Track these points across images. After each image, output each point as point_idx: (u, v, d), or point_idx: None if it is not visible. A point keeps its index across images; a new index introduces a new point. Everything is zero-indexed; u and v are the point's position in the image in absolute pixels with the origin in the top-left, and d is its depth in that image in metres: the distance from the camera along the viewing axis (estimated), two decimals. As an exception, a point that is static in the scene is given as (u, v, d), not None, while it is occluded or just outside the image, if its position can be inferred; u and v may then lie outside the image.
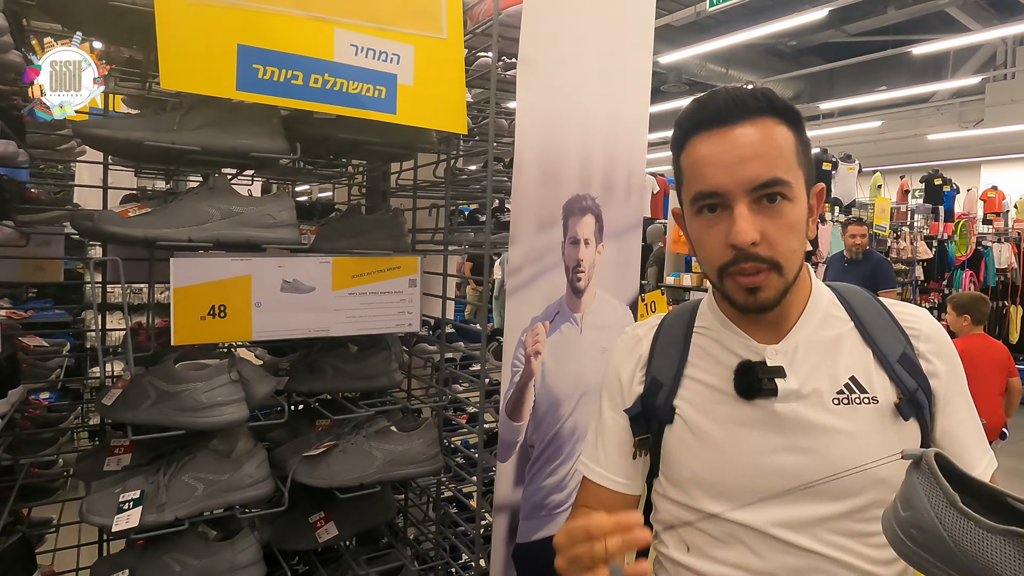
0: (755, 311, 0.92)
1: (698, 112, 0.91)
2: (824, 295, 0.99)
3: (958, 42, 9.10)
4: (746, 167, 0.86)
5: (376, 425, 1.66)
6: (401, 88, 1.47)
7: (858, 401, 0.91)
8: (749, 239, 0.85)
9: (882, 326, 0.95)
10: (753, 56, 11.46)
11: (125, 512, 1.35)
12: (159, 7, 1.21)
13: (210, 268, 1.36)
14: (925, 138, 12.41)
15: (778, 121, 0.88)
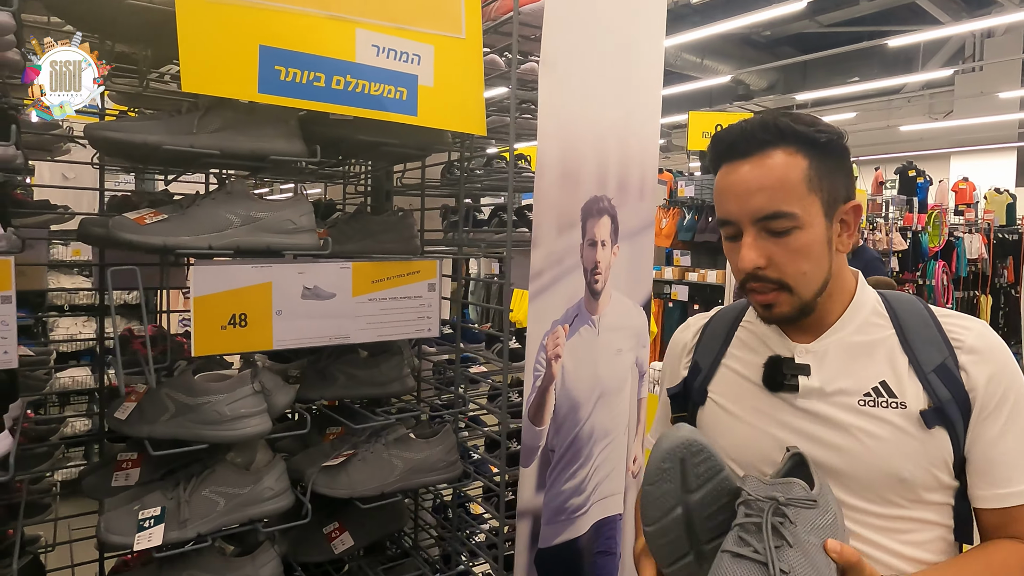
0: (775, 323, 1.04)
1: (716, 147, 1.02)
2: (868, 303, 1.04)
3: (931, 35, 9.35)
4: (751, 200, 0.96)
5: (395, 433, 1.66)
6: (422, 89, 1.47)
7: (884, 405, 0.96)
8: (751, 265, 0.96)
9: (924, 336, 0.99)
10: (728, 46, 11.61)
11: (146, 530, 1.33)
12: (180, 7, 1.19)
13: (230, 276, 1.34)
14: (897, 129, 12.75)
15: (789, 151, 0.95)
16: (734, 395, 1.08)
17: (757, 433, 1.04)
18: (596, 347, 1.77)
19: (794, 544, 0.78)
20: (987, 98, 11.10)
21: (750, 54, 12.04)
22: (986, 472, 0.95)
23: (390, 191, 2.10)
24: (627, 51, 1.76)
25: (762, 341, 1.08)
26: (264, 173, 1.68)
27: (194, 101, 1.35)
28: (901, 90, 12.64)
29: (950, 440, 0.95)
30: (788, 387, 1.02)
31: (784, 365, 1.03)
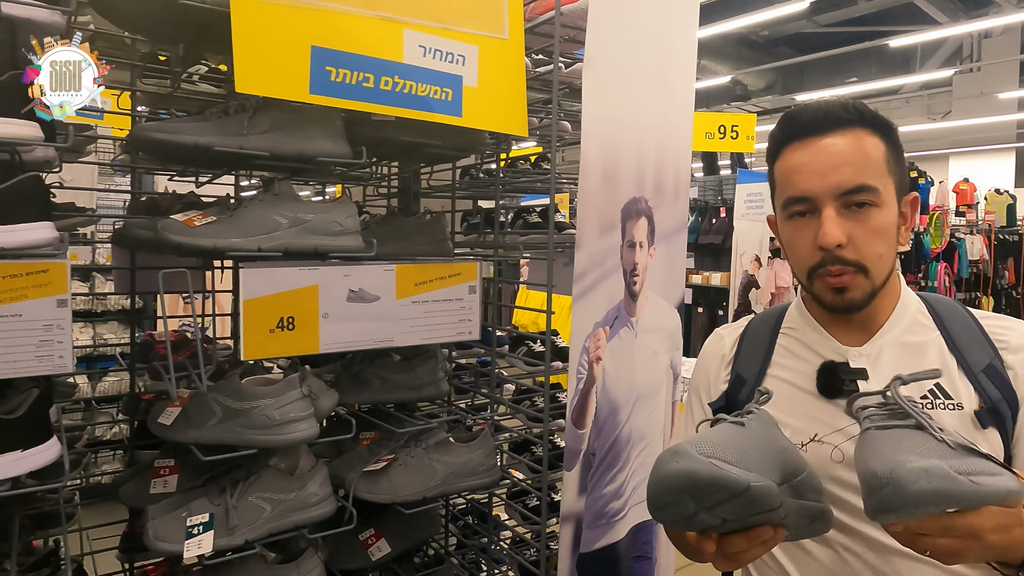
0: (843, 311, 1.00)
1: (791, 124, 1.00)
2: (913, 302, 1.05)
3: (929, 36, 9.46)
4: (835, 174, 0.94)
5: (435, 437, 1.67)
6: (466, 90, 1.48)
7: (942, 407, 0.96)
8: (835, 241, 0.93)
9: (969, 336, 1.01)
10: (725, 46, 11.68)
11: (195, 537, 1.33)
12: (235, 7, 1.20)
13: (278, 279, 1.35)
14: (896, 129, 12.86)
15: (868, 132, 0.97)
16: (786, 405, 1.04)
17: (815, 443, 1.01)
18: (634, 349, 1.78)
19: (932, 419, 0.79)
20: (986, 98, 11.24)
21: (747, 54, 12.13)
22: None
23: (418, 192, 2.11)
24: (664, 49, 1.78)
25: (809, 347, 1.07)
26: (303, 175, 1.69)
27: (241, 102, 1.36)
28: (899, 91, 12.77)
29: (1001, 439, 0.96)
30: (846, 393, 0.99)
31: (840, 370, 1.01)
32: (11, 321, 1.11)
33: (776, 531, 0.81)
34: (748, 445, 0.79)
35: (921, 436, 0.76)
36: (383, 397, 1.75)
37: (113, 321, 4.30)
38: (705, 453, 0.74)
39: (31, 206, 1.11)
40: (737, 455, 0.76)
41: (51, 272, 1.13)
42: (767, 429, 0.86)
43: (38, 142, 1.12)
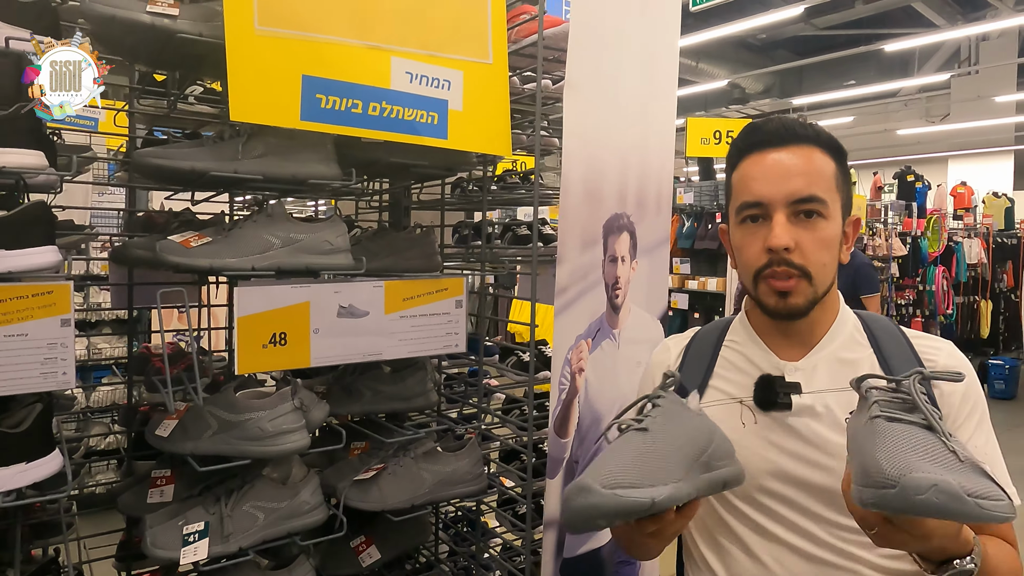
0: (785, 316, 1.06)
1: (753, 135, 1.09)
2: (850, 320, 1.12)
3: (927, 39, 9.57)
4: (789, 182, 1.02)
5: (423, 446, 1.75)
6: (452, 113, 1.57)
7: None
8: (783, 243, 1.00)
9: (899, 355, 1.07)
10: (723, 49, 11.80)
11: (192, 544, 1.41)
12: (230, 40, 1.28)
13: (271, 296, 1.43)
14: (895, 133, 12.99)
15: (821, 151, 1.06)
16: (724, 416, 1.09)
17: (748, 454, 1.06)
18: (617, 360, 1.86)
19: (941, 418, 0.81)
20: (984, 102, 11.35)
21: (746, 57, 12.25)
22: None
23: (408, 207, 2.19)
24: (646, 67, 1.87)
25: (749, 360, 1.12)
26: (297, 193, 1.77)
27: (236, 128, 1.44)
28: (898, 94, 12.89)
29: None
30: (780, 405, 1.06)
31: (776, 384, 1.07)
32: (18, 340, 1.19)
33: (693, 504, 0.90)
34: (650, 455, 0.85)
35: (932, 439, 0.77)
36: (374, 408, 1.83)
37: (107, 330, 4.37)
38: (607, 484, 0.79)
39: (38, 231, 1.19)
40: (639, 474, 0.82)
41: (56, 293, 1.21)
42: (670, 420, 0.91)
43: (44, 170, 1.20)
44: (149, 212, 1.96)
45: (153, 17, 1.27)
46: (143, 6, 1.28)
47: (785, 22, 10.11)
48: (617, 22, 1.76)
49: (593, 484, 0.80)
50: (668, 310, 2.02)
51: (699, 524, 1.15)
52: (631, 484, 0.80)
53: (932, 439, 0.77)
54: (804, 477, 1.03)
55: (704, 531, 1.14)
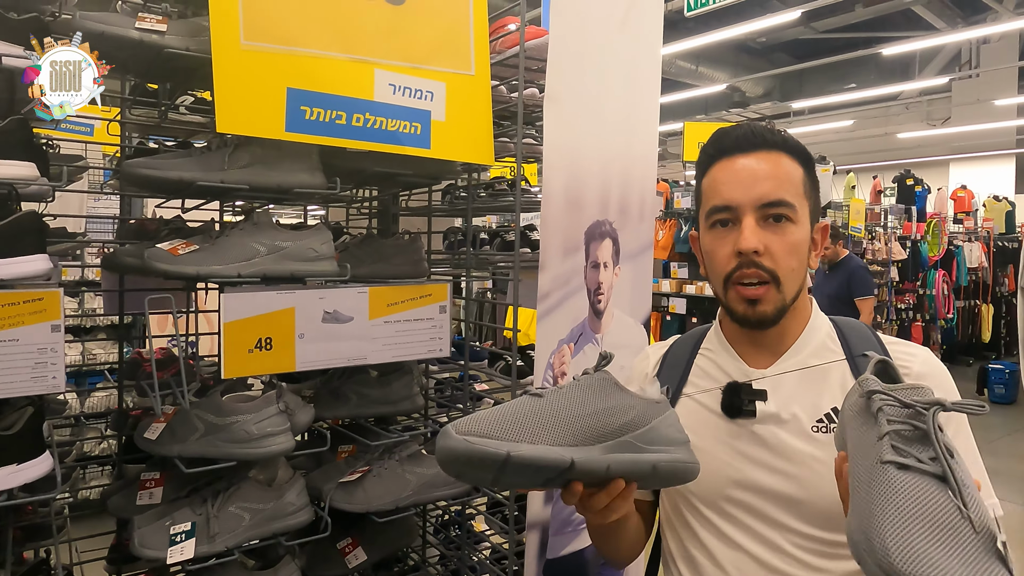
0: (755, 324, 1.07)
1: (722, 140, 1.10)
2: (823, 327, 1.12)
3: (927, 43, 9.63)
4: (757, 186, 1.04)
5: (408, 449, 1.80)
6: (434, 124, 1.62)
7: (833, 431, 1.02)
8: (752, 246, 1.01)
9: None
10: (722, 53, 11.89)
11: (178, 544, 1.46)
12: (217, 54, 1.34)
13: (257, 302, 1.48)
14: (895, 136, 13.05)
15: (789, 157, 1.08)
16: (695, 424, 1.10)
17: (716, 462, 1.07)
18: (600, 365, 1.91)
19: (954, 454, 0.72)
20: (984, 105, 11.41)
21: (746, 61, 12.34)
22: None
23: (396, 214, 2.25)
24: (628, 80, 1.92)
25: (720, 368, 1.14)
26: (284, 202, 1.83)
27: (222, 139, 1.49)
28: (898, 97, 12.96)
29: None
30: (746, 413, 1.07)
31: (742, 391, 1.08)
32: (9, 345, 1.25)
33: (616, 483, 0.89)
34: (528, 415, 0.85)
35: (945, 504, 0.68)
36: (360, 411, 1.89)
37: (102, 335, 4.43)
38: (462, 431, 0.82)
39: (29, 240, 1.25)
40: (502, 429, 0.83)
41: (46, 300, 1.27)
42: (580, 393, 0.90)
43: (35, 181, 1.26)
44: (141, 220, 2.01)
45: (142, 33, 1.33)
46: (132, 22, 1.33)
47: (785, 25, 10.19)
48: (597, 35, 1.81)
49: (451, 429, 0.82)
50: (668, 315, 2.07)
51: (673, 533, 1.17)
52: (488, 435, 0.82)
53: (945, 503, 0.68)
54: (767, 485, 1.05)
55: (677, 540, 1.17)
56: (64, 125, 1.82)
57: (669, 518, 1.19)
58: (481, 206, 2.18)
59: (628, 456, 0.88)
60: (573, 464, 0.84)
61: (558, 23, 1.72)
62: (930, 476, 0.71)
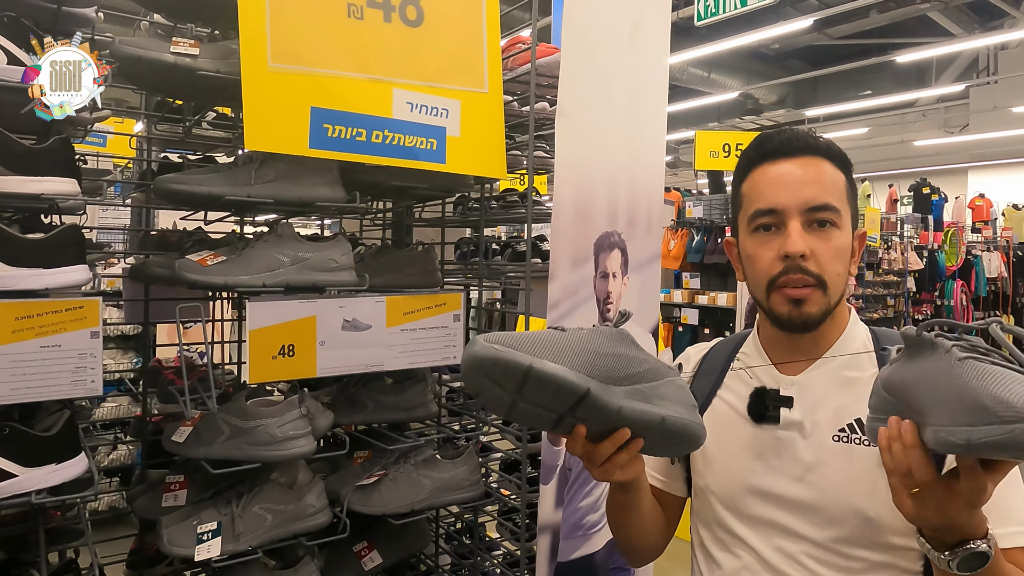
0: (799, 327, 1.07)
1: (765, 144, 1.12)
2: (860, 337, 1.13)
3: (942, 51, 9.71)
4: (804, 190, 1.05)
5: (423, 454, 1.90)
6: (450, 139, 1.73)
7: (856, 442, 1.05)
8: (800, 249, 1.02)
9: None
10: (735, 60, 12.01)
11: (205, 542, 1.56)
12: (246, 76, 1.46)
13: (280, 311, 1.59)
14: (912, 144, 13.10)
15: (831, 163, 1.11)
16: (722, 426, 1.13)
17: (737, 465, 1.10)
18: (609, 372, 2.01)
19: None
20: (1003, 112, 11.46)
21: (759, 68, 12.45)
22: None
23: (410, 225, 2.36)
24: (635, 96, 2.03)
25: (753, 373, 1.16)
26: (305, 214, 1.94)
27: (248, 155, 1.61)
28: (915, 104, 13.02)
29: None
30: (770, 419, 1.09)
31: (768, 397, 1.10)
32: (52, 351, 1.36)
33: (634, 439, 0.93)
34: (551, 342, 0.89)
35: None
36: (376, 418, 1.99)
37: (111, 345, 4.56)
38: (491, 341, 0.86)
39: (71, 251, 1.36)
40: (528, 346, 0.87)
41: (86, 308, 1.38)
42: (597, 336, 0.93)
43: (76, 196, 1.37)
44: (163, 231, 2.13)
45: (176, 57, 1.45)
46: (167, 47, 1.45)
47: (798, 32, 10.31)
48: (605, 51, 1.93)
49: (479, 337, 0.87)
50: (680, 326, 2.17)
51: (695, 524, 1.24)
52: (515, 348, 0.85)
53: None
54: (782, 491, 1.07)
55: (697, 532, 1.24)
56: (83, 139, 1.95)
57: (696, 510, 1.24)
58: (493, 217, 2.29)
59: (639, 403, 0.91)
60: (589, 393, 0.86)
61: (569, 40, 1.83)
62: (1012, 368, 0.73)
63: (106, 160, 3.77)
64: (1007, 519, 0.96)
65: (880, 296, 8.33)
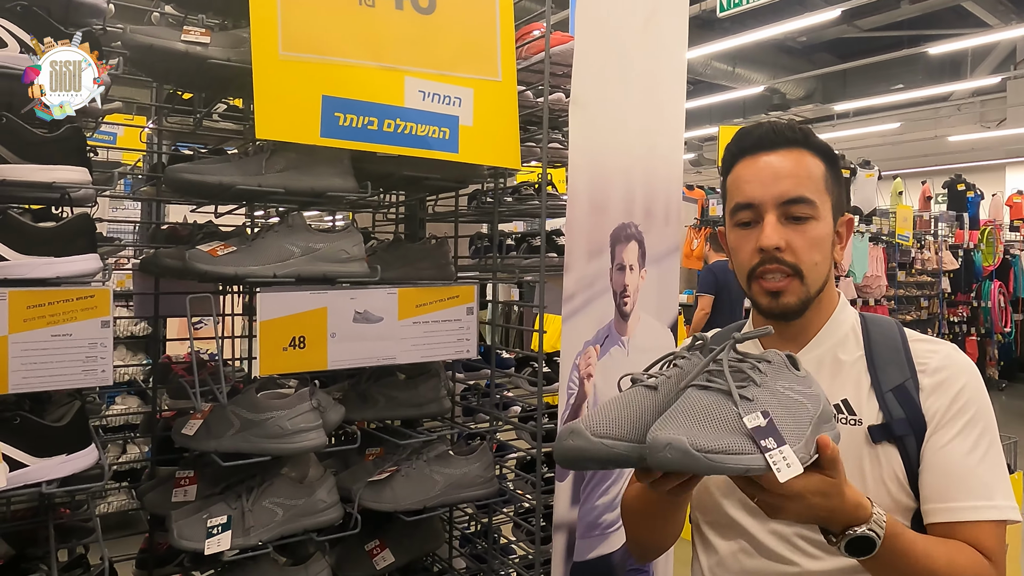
0: (779, 316, 1.15)
1: (744, 140, 1.19)
2: (848, 322, 1.20)
3: (975, 41, 9.60)
4: (778, 184, 1.12)
5: (435, 450, 1.93)
6: (463, 129, 1.76)
7: (842, 421, 1.11)
8: (773, 243, 1.10)
9: (888, 358, 1.14)
10: (761, 53, 11.94)
11: (215, 536, 1.60)
12: (257, 64, 1.49)
13: (291, 302, 1.62)
14: (946, 139, 12.96)
15: (811, 153, 1.17)
16: None
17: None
18: (626, 368, 2.02)
19: (762, 384, 0.91)
20: (1043, 105, 11.30)
21: (785, 61, 12.37)
22: (934, 484, 1.07)
23: (423, 219, 2.39)
24: (651, 85, 2.05)
25: None
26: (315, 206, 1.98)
27: (259, 144, 1.65)
28: (949, 97, 12.88)
29: (900, 456, 1.08)
30: None
31: None
32: (63, 340, 1.40)
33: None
34: (649, 412, 0.93)
35: (722, 403, 0.88)
36: (388, 414, 2.02)
37: (121, 346, 4.63)
38: (598, 434, 0.90)
39: (82, 240, 1.40)
40: (630, 428, 0.92)
41: (96, 297, 1.42)
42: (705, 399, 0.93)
43: (87, 185, 1.42)
44: (173, 225, 2.17)
45: (187, 45, 1.49)
46: (178, 35, 1.49)
47: (826, 24, 10.24)
48: (621, 39, 1.94)
49: (584, 430, 0.91)
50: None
51: (694, 522, 1.28)
52: (620, 437, 0.90)
53: (723, 403, 0.88)
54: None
55: (697, 527, 1.28)
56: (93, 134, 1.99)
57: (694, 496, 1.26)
58: (508, 211, 2.31)
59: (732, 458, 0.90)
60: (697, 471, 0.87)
61: (584, 28, 1.85)
62: (719, 391, 0.90)
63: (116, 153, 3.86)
64: (970, 493, 1.05)
65: (913, 297, 8.26)
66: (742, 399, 0.89)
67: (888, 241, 7.59)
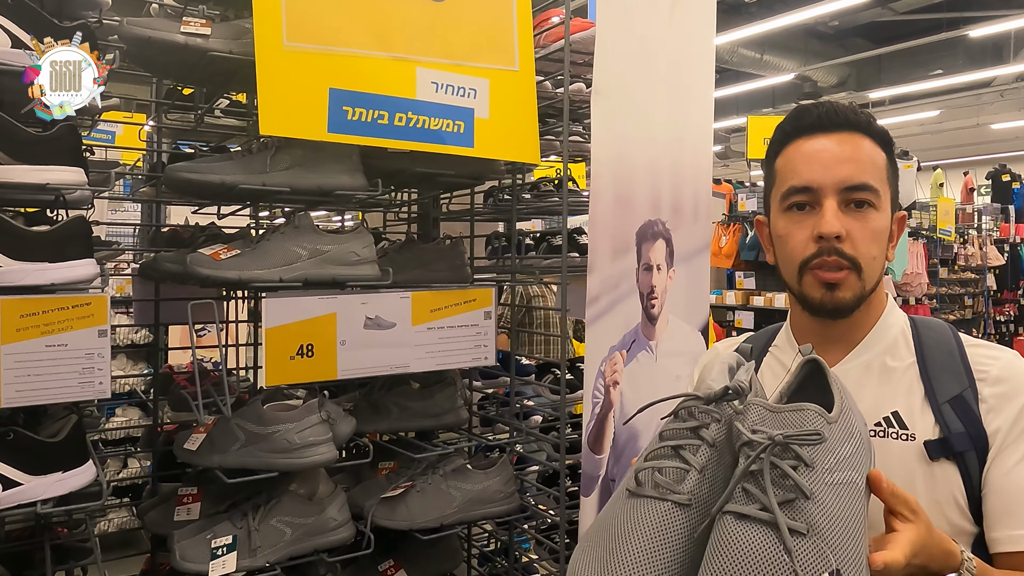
0: (831, 312, 1.08)
1: (802, 118, 1.12)
2: (897, 325, 1.14)
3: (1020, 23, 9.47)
4: (841, 168, 1.06)
5: (452, 463, 1.90)
6: (478, 121, 1.73)
7: (893, 436, 1.05)
8: (835, 230, 1.03)
9: (944, 364, 1.08)
10: (790, 39, 11.84)
11: (220, 558, 1.58)
12: (260, 56, 1.47)
13: (298, 307, 1.61)
14: (988, 127, 12.80)
15: (872, 140, 1.11)
16: None
17: None
18: (655, 373, 1.99)
19: (811, 494, 0.74)
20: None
21: (816, 47, 12.26)
22: (1003, 509, 1.00)
23: (437, 218, 2.37)
24: (678, 73, 2.01)
25: (784, 366, 1.17)
26: (323, 206, 1.96)
27: (263, 141, 1.63)
28: (992, 83, 12.71)
29: (960, 475, 1.02)
30: None
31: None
32: (59, 350, 1.39)
33: None
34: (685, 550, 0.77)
35: (771, 553, 0.70)
36: (402, 425, 1.99)
37: (121, 355, 4.65)
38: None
39: (78, 245, 1.39)
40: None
41: (93, 304, 1.41)
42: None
43: (82, 186, 1.40)
44: (174, 227, 2.17)
45: (187, 37, 1.48)
46: (177, 27, 1.48)
47: (859, 7, 10.14)
48: (644, 27, 1.91)
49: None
50: (734, 330, 2.14)
51: None
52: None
53: (773, 550, 0.71)
54: None
55: None
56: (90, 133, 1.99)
57: None
58: (526, 208, 2.28)
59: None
60: None
61: (605, 14, 1.82)
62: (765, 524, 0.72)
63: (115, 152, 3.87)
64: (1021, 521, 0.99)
65: (957, 296, 8.14)
66: (793, 534, 0.71)
67: (929, 236, 7.48)
